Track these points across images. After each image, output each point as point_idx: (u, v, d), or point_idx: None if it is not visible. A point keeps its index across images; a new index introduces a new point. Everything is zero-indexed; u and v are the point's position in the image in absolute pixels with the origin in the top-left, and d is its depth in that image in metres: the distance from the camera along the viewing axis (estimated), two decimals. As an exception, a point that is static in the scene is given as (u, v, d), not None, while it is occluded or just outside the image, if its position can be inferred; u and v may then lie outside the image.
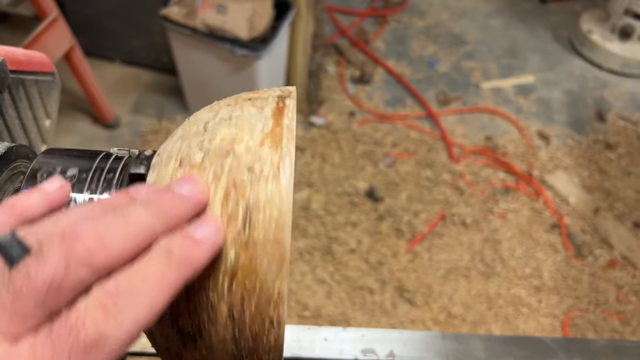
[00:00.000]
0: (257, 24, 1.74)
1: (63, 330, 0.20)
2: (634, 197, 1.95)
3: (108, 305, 0.20)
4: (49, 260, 0.20)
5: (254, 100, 0.30)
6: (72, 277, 0.20)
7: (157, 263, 0.23)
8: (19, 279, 0.20)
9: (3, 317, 0.20)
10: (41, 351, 0.19)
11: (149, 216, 0.24)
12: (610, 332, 1.60)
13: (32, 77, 0.50)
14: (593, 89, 2.40)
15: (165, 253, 0.23)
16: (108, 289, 0.21)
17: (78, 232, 0.21)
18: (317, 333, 0.58)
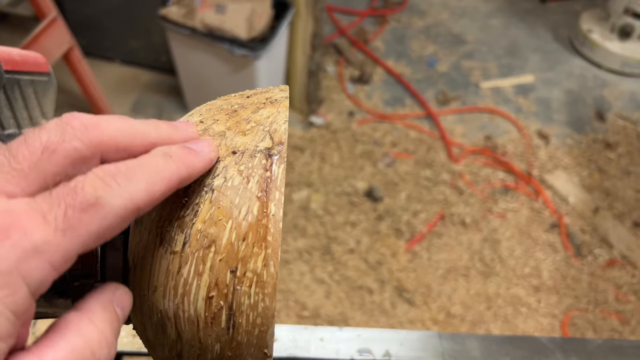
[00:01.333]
0: (256, 23, 1.74)
1: (62, 190, 0.20)
2: (633, 197, 1.95)
3: (106, 179, 0.21)
4: (45, 130, 0.22)
5: (238, 155, 0.27)
6: (66, 145, 0.21)
7: (155, 158, 0.24)
8: (15, 144, 0.21)
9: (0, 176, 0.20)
10: (38, 204, 0.20)
11: (145, 125, 0.25)
12: (609, 332, 1.60)
13: (27, 77, 0.50)
14: (593, 88, 2.40)
15: (163, 154, 0.24)
16: (107, 169, 0.22)
17: (77, 116, 0.23)
18: (313, 333, 0.58)
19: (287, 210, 1.84)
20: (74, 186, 0.21)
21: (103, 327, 0.22)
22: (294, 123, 2.14)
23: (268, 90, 0.33)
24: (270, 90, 0.33)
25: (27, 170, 0.21)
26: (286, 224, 1.80)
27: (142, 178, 0.23)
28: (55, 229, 0.20)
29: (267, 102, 0.31)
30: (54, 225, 0.20)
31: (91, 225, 0.20)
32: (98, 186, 0.21)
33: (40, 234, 0.19)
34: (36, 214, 0.20)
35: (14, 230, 0.19)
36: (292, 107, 2.19)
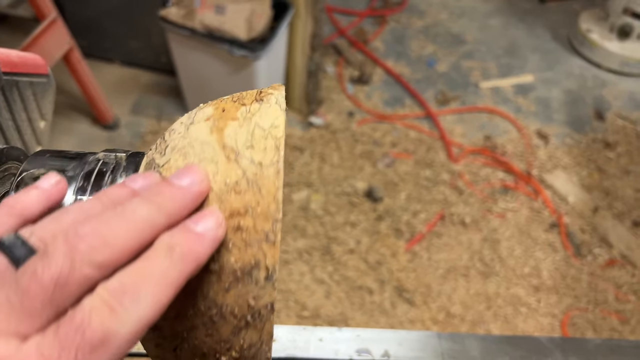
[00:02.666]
0: (255, 24, 1.74)
1: (70, 330, 0.20)
2: (633, 196, 1.95)
3: (113, 304, 0.21)
4: (54, 258, 0.21)
5: None
6: (77, 274, 0.21)
7: (159, 260, 0.23)
8: (25, 278, 0.20)
9: (13, 317, 0.20)
10: (49, 351, 0.19)
11: (150, 211, 0.24)
12: (609, 332, 1.60)
13: (26, 79, 0.50)
14: (592, 88, 2.40)
15: (168, 249, 0.23)
16: (113, 288, 0.21)
17: (80, 232, 0.22)
18: (312, 333, 0.58)
19: (286, 210, 1.84)
20: (81, 322, 0.20)
21: None
22: (294, 123, 2.14)
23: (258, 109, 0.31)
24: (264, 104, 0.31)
25: (40, 307, 0.20)
26: (286, 224, 1.80)
27: (149, 292, 0.22)
28: None
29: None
30: None
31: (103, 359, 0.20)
32: (105, 317, 0.20)
33: None
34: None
35: None
36: (292, 107, 2.19)
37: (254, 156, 0.27)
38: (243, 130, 0.28)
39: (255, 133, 0.27)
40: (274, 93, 0.29)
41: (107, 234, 0.22)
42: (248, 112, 0.28)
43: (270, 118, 0.28)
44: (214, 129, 0.28)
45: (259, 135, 0.27)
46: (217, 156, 0.27)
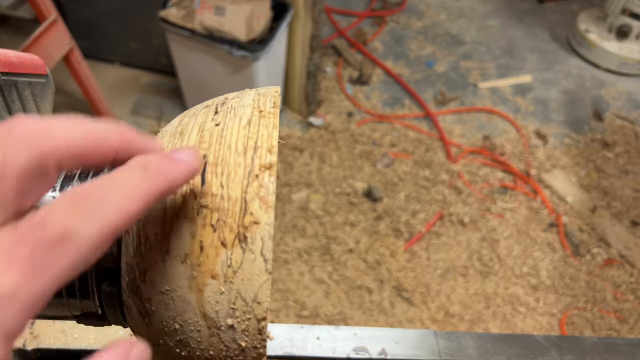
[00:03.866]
0: (255, 25, 1.75)
1: (28, 225, 0.19)
2: (631, 196, 1.96)
3: (77, 204, 0.20)
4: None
5: None
6: (12, 162, 0.19)
7: (131, 172, 0.22)
8: None
9: None
10: (4, 244, 0.18)
11: (104, 127, 0.23)
12: (607, 331, 1.61)
13: (25, 79, 0.51)
14: (590, 88, 2.41)
15: (141, 165, 0.23)
16: (78, 191, 0.20)
17: (19, 122, 0.20)
18: (310, 331, 0.59)
19: (286, 210, 1.84)
20: (40, 219, 0.19)
21: None
22: (293, 124, 2.15)
23: None
24: None
25: None
26: (285, 224, 1.80)
27: (116, 198, 0.21)
28: (24, 272, 0.18)
29: None
30: (21, 267, 0.18)
31: (63, 260, 0.19)
32: (66, 215, 0.19)
33: (7, 279, 0.18)
34: (1, 258, 0.18)
35: None
36: (292, 108, 2.20)
37: (236, 336, 0.27)
38: (224, 299, 0.26)
39: (237, 305, 0.26)
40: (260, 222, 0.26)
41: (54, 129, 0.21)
42: (229, 266, 0.26)
43: (254, 286, 0.26)
44: (194, 287, 0.26)
45: (241, 309, 0.26)
46: (199, 324, 0.27)
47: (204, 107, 0.31)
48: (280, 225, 1.80)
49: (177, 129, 0.30)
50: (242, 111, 0.29)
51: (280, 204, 1.86)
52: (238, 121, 0.28)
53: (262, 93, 0.31)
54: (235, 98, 0.31)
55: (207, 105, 0.31)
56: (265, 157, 0.27)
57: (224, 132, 0.28)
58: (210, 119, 0.29)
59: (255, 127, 0.28)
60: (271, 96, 0.30)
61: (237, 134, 0.28)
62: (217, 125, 0.28)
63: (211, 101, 0.32)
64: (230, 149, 0.27)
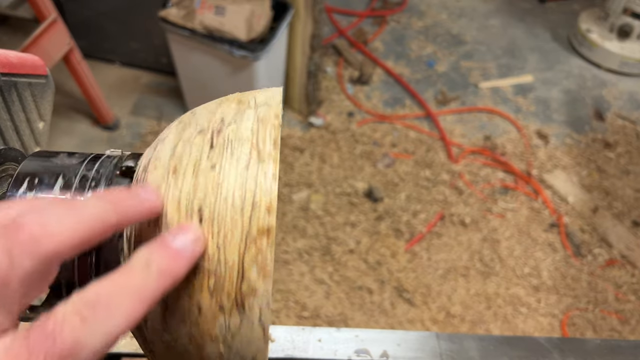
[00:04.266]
0: (255, 25, 1.75)
1: (40, 335, 0.20)
2: (632, 196, 1.95)
3: (86, 314, 0.20)
4: None
5: None
6: (18, 271, 0.20)
7: (136, 274, 0.23)
8: None
9: None
10: (17, 351, 0.19)
11: (100, 206, 0.24)
12: (609, 331, 1.60)
13: (25, 80, 0.50)
14: (592, 88, 2.40)
15: (145, 265, 0.23)
16: (87, 298, 0.21)
17: (21, 222, 0.21)
18: (311, 333, 0.58)
19: (286, 210, 1.84)
20: (53, 328, 0.20)
21: None
22: (294, 124, 2.14)
23: None
24: None
25: None
26: (286, 224, 1.80)
27: (123, 304, 0.22)
28: None
29: None
30: None
31: None
32: (76, 327, 0.20)
33: None
34: None
35: None
36: (292, 108, 2.20)
37: None
38: (224, 357, 0.27)
39: None
40: (258, 291, 0.26)
41: (50, 223, 0.21)
42: (228, 329, 0.26)
43: (252, 349, 0.26)
44: (194, 343, 0.27)
45: None
46: None
47: (199, 133, 0.28)
48: (281, 225, 1.80)
49: (170, 161, 0.28)
50: (240, 150, 0.27)
51: (280, 204, 1.86)
52: (235, 164, 0.27)
53: (262, 118, 0.28)
54: (233, 124, 0.28)
55: (201, 131, 0.28)
56: (263, 219, 0.25)
57: (220, 177, 0.26)
58: (206, 157, 0.27)
59: (253, 174, 0.26)
60: (271, 125, 0.28)
61: (235, 182, 0.26)
62: (213, 167, 0.27)
63: (207, 122, 0.29)
64: (227, 202, 0.26)
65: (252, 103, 0.29)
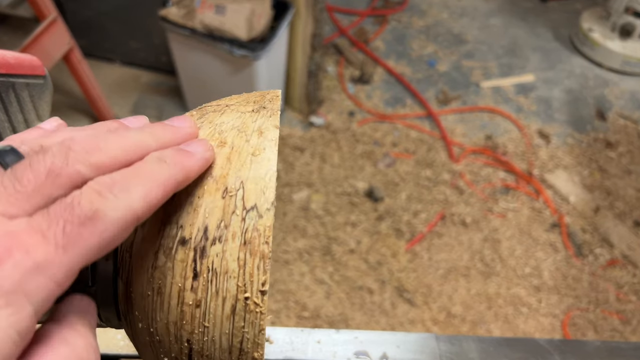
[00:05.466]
0: (255, 24, 1.74)
1: (59, 207, 0.21)
2: (634, 196, 1.95)
3: (103, 190, 0.22)
4: (48, 154, 0.22)
5: None
6: (70, 169, 0.22)
7: (150, 164, 0.24)
8: (20, 168, 0.21)
9: (3, 199, 0.20)
10: (37, 222, 0.20)
11: (142, 135, 0.26)
12: (610, 332, 1.60)
13: (22, 80, 0.50)
14: (593, 87, 2.39)
15: (158, 159, 0.25)
16: (103, 180, 0.22)
17: (76, 139, 0.23)
18: (310, 335, 0.58)
19: (287, 210, 1.84)
20: (71, 202, 0.21)
21: (85, 333, 0.22)
22: (294, 123, 2.14)
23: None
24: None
25: (30, 192, 0.21)
26: (286, 224, 1.80)
27: (139, 186, 0.23)
28: (56, 246, 0.20)
29: None
30: (54, 242, 0.20)
31: (91, 238, 0.21)
32: (95, 199, 0.21)
33: (42, 252, 0.19)
34: (36, 233, 0.20)
35: (15, 250, 0.19)
36: (293, 107, 2.19)
37: None
38: None
39: None
40: None
41: (100, 143, 0.23)
42: None
43: None
44: None
45: None
46: None
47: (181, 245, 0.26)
48: (281, 225, 1.79)
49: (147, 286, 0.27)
50: (225, 288, 0.25)
51: (281, 204, 1.85)
52: (221, 304, 0.25)
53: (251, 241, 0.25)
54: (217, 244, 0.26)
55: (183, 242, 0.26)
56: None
57: (206, 317, 0.25)
58: (189, 287, 0.26)
59: (240, 321, 0.25)
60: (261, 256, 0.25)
61: (221, 326, 0.25)
62: (198, 306, 0.25)
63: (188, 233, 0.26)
64: (215, 343, 0.26)
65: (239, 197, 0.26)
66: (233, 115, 0.30)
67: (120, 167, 0.24)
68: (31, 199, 0.21)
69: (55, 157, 0.22)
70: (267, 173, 0.27)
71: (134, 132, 0.26)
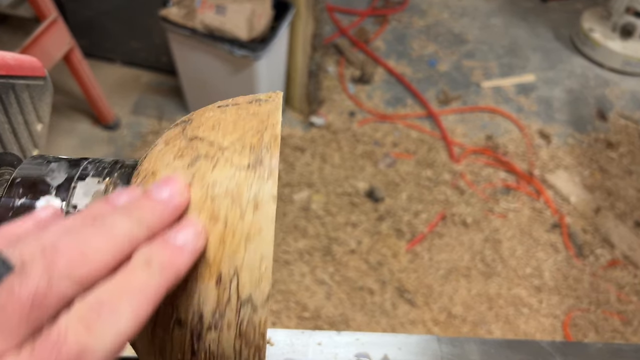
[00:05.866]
0: (256, 24, 1.74)
1: (46, 347, 0.19)
2: (635, 196, 1.94)
3: (89, 320, 0.20)
4: (32, 275, 0.20)
5: None
6: (54, 290, 0.20)
7: (137, 274, 0.23)
8: (2, 295, 0.20)
9: None
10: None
11: (129, 224, 0.24)
12: (611, 332, 1.60)
13: (22, 82, 0.50)
14: (594, 87, 2.39)
15: (145, 263, 0.23)
16: (89, 303, 0.21)
17: (59, 247, 0.21)
18: (311, 337, 0.58)
19: (287, 210, 1.83)
20: (57, 339, 0.20)
21: None
22: (295, 123, 2.14)
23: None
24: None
25: (16, 325, 0.20)
26: (287, 224, 1.80)
27: (127, 306, 0.21)
28: None
29: None
30: None
31: None
32: (81, 333, 0.20)
33: None
34: None
35: None
36: (293, 107, 2.19)
37: None
38: None
39: None
40: None
41: (85, 248, 0.22)
42: None
43: None
44: None
45: None
46: None
47: (178, 325, 0.27)
48: (281, 225, 1.79)
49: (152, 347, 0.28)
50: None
51: (281, 204, 1.85)
52: None
53: (246, 334, 0.26)
54: (213, 331, 0.26)
55: (179, 322, 0.27)
56: None
57: None
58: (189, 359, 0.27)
59: None
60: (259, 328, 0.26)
61: None
62: None
63: (183, 316, 0.26)
64: None
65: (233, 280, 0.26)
66: (227, 172, 0.27)
67: (108, 272, 0.22)
68: (17, 333, 0.20)
69: (37, 280, 0.20)
70: (263, 262, 0.25)
71: (121, 222, 0.24)
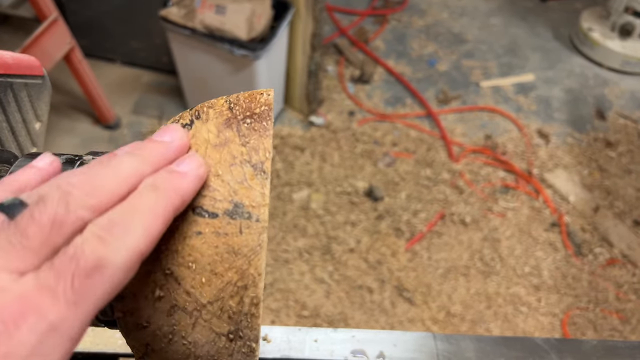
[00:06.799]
0: (256, 24, 1.75)
1: (64, 260, 0.21)
2: (634, 195, 1.95)
3: (104, 234, 0.22)
4: (50, 203, 0.22)
5: None
6: (71, 216, 0.22)
7: (145, 196, 0.24)
8: (23, 221, 0.21)
9: (12, 255, 0.21)
10: (45, 279, 0.20)
11: (135, 162, 0.26)
12: (610, 331, 1.60)
13: (21, 81, 0.50)
14: (593, 87, 2.39)
15: (152, 187, 0.25)
16: (102, 223, 0.22)
17: (72, 182, 0.23)
18: (307, 334, 0.58)
19: (287, 209, 1.84)
20: (74, 253, 0.21)
21: None
22: (295, 123, 2.14)
23: None
24: None
25: (38, 246, 0.21)
26: (286, 223, 1.80)
27: (138, 223, 0.23)
28: (67, 303, 0.20)
29: None
30: (64, 299, 0.20)
31: (100, 288, 0.21)
32: (97, 247, 0.21)
33: (54, 312, 0.20)
34: (46, 291, 0.20)
35: (29, 314, 0.19)
36: (293, 107, 2.19)
37: None
38: None
39: None
40: None
41: (96, 182, 0.24)
42: None
43: None
44: None
45: None
46: None
47: None
48: (281, 224, 1.80)
49: None
50: None
51: (281, 203, 1.86)
52: None
53: None
54: None
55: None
56: None
57: None
58: None
59: None
60: None
61: None
62: None
63: None
64: None
65: None
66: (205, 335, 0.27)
67: (118, 201, 0.24)
68: (38, 253, 0.21)
69: (57, 206, 0.22)
70: None
71: (126, 159, 0.25)
